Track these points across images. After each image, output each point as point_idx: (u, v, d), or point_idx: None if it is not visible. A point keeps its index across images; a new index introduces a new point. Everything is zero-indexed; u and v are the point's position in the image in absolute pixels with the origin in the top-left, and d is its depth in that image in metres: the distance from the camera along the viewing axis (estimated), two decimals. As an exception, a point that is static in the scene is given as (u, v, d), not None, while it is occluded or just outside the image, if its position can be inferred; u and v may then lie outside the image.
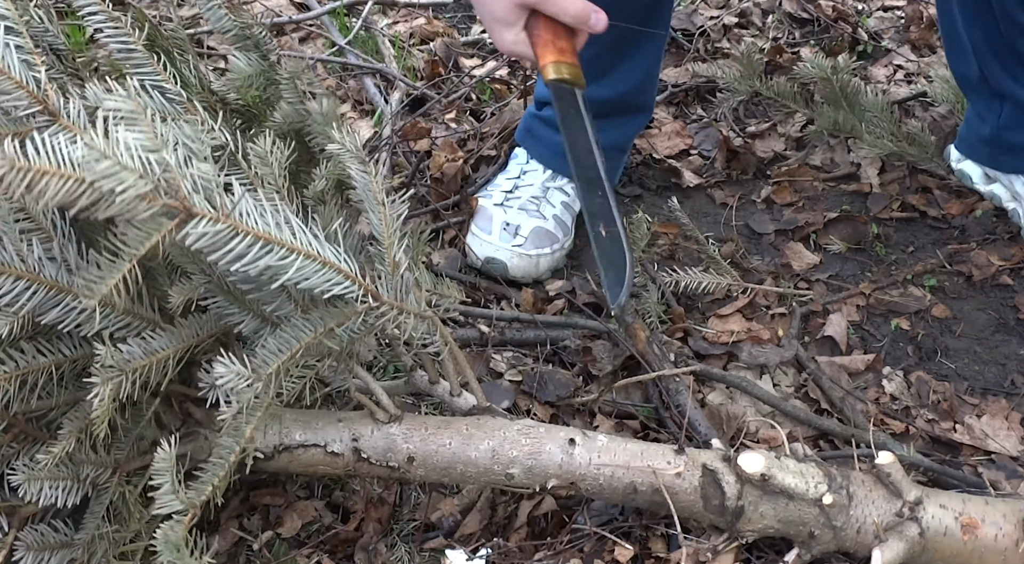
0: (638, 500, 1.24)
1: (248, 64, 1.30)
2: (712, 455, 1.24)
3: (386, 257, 1.08)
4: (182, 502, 1.04)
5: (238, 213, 0.93)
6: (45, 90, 1.04)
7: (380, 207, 1.06)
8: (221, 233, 0.94)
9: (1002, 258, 1.84)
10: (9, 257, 1.03)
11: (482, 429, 1.27)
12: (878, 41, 2.48)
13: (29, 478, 1.10)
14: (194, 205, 0.91)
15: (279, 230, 0.97)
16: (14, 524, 1.16)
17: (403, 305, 1.11)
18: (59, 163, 0.85)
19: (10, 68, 1.02)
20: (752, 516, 1.21)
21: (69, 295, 1.04)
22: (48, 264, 1.06)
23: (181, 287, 1.09)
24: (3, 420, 1.12)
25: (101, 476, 1.16)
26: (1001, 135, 1.86)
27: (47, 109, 1.05)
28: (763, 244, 1.92)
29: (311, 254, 1.00)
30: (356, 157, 1.03)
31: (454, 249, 1.91)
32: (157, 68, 1.22)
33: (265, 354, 1.05)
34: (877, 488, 1.21)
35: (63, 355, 1.12)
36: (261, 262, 0.96)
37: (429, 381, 1.36)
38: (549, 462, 1.24)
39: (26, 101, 1.04)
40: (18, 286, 1.04)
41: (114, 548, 1.18)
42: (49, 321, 1.06)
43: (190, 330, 1.11)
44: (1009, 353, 1.70)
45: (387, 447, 1.27)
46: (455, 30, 2.62)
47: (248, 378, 1.02)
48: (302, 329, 1.07)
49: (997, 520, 1.19)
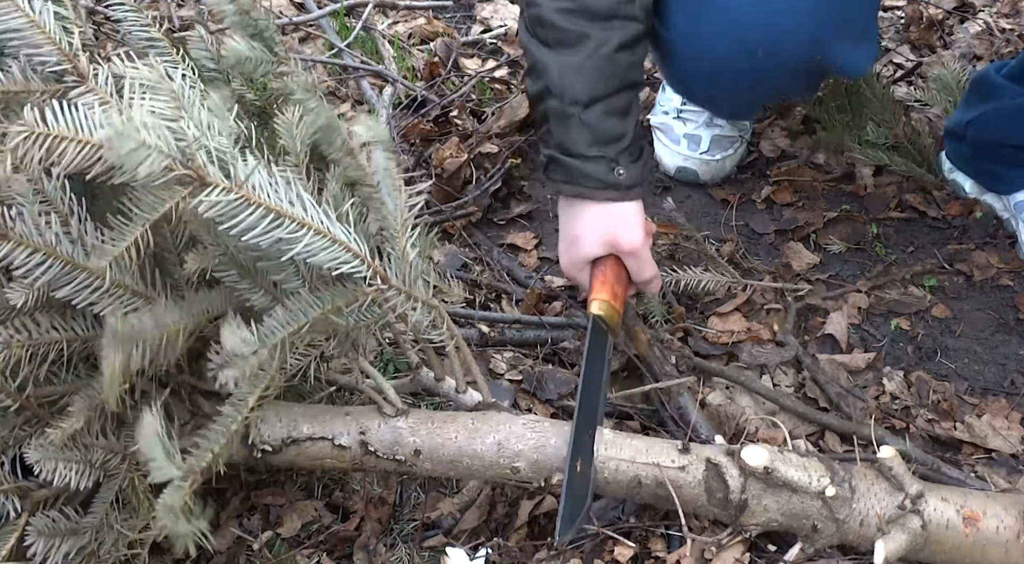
0: (642, 494, 1.27)
1: (249, 49, 1.31)
2: (716, 449, 1.27)
3: (397, 242, 1.10)
4: (179, 468, 1.04)
5: (251, 185, 0.95)
6: (76, 51, 1.06)
7: (397, 192, 1.08)
8: (233, 203, 0.96)
9: (1002, 260, 1.87)
10: (28, 230, 1.06)
11: (488, 423, 1.30)
12: (878, 41, 2.51)
13: (43, 457, 1.12)
14: (208, 174, 0.93)
15: (291, 205, 0.99)
16: (26, 507, 1.18)
17: (411, 291, 1.13)
18: (77, 129, 0.87)
19: (45, 24, 1.05)
20: (756, 509, 1.24)
21: (84, 272, 1.07)
22: (64, 240, 1.08)
23: (196, 255, 1.11)
24: (15, 401, 1.14)
25: (111, 462, 1.19)
26: (978, 163, 1.93)
27: (76, 70, 1.07)
28: (763, 244, 1.95)
29: (321, 230, 1.02)
30: (383, 143, 1.05)
31: (454, 246, 1.94)
32: (177, 58, 1.24)
33: (273, 325, 1.07)
34: (879, 481, 1.23)
35: (74, 333, 1.14)
36: (271, 234, 0.98)
37: (435, 378, 1.38)
38: (554, 456, 1.27)
39: (55, 57, 1.07)
40: (35, 258, 1.06)
41: (123, 539, 1.20)
42: (62, 296, 1.08)
43: (200, 306, 1.13)
44: (1009, 353, 1.72)
45: (394, 440, 1.29)
46: (455, 30, 2.65)
47: (254, 345, 1.04)
48: (311, 304, 1.09)
49: (998, 513, 1.22)
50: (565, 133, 1.40)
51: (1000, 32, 2.49)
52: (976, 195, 1.99)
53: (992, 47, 2.43)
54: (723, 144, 2.05)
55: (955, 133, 1.93)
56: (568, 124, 1.39)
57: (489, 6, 2.70)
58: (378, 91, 2.35)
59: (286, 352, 1.09)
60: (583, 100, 1.38)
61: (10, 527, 1.17)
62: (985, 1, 2.61)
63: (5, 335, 1.09)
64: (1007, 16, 2.56)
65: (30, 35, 1.06)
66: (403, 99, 2.32)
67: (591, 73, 1.38)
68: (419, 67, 2.45)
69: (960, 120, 1.91)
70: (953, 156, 1.99)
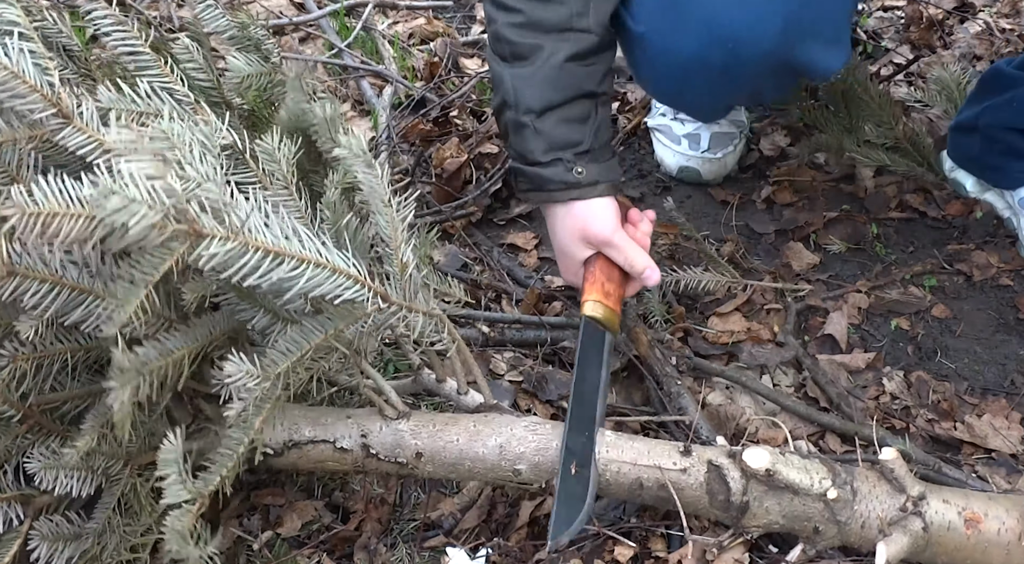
0: (644, 496, 1.27)
1: (248, 63, 1.33)
2: (717, 451, 1.28)
3: (394, 258, 1.11)
4: (190, 492, 1.06)
5: (247, 229, 0.96)
6: (58, 94, 1.07)
7: (387, 209, 1.09)
8: (233, 250, 0.97)
9: (1002, 260, 1.88)
10: (32, 261, 1.07)
11: (489, 426, 1.31)
12: (878, 41, 2.53)
13: (45, 466, 1.13)
14: (204, 227, 0.93)
15: (288, 242, 1.00)
16: (29, 514, 1.19)
17: (412, 305, 1.14)
18: (68, 203, 0.88)
19: (25, 73, 1.05)
20: (757, 511, 1.25)
21: (91, 297, 1.08)
22: (70, 267, 1.09)
23: (194, 284, 1.11)
24: (19, 411, 1.15)
25: (113, 467, 1.20)
26: (984, 157, 1.93)
27: (61, 112, 1.08)
28: (763, 244, 1.95)
29: (321, 262, 1.03)
30: (363, 161, 1.06)
31: (454, 245, 1.95)
32: (164, 70, 1.25)
33: (275, 354, 1.09)
34: (881, 484, 1.24)
35: (78, 344, 1.15)
36: (273, 275, 0.99)
37: (436, 380, 1.39)
38: (556, 459, 1.27)
39: (41, 104, 1.07)
40: (42, 289, 1.07)
41: (125, 542, 1.21)
42: (72, 321, 1.09)
43: (203, 329, 1.14)
44: (1009, 353, 1.73)
45: (395, 443, 1.30)
46: (455, 30, 2.65)
47: (257, 377, 1.06)
48: (312, 330, 1.10)
49: (1000, 514, 1.23)
50: (522, 142, 1.43)
51: (1000, 32, 2.50)
52: (977, 194, 1.99)
53: (992, 47, 2.44)
54: (723, 141, 2.06)
55: (964, 126, 1.94)
56: (524, 133, 1.42)
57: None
58: (378, 91, 2.35)
59: (290, 378, 1.10)
60: (536, 109, 1.41)
61: (13, 533, 1.18)
62: (985, 1, 2.62)
63: (10, 349, 1.10)
64: (1007, 16, 2.57)
65: (13, 86, 1.06)
66: (403, 99, 2.33)
67: (543, 83, 1.40)
68: (419, 67, 2.46)
69: (972, 111, 1.92)
70: (956, 153, 2.00)
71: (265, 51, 1.22)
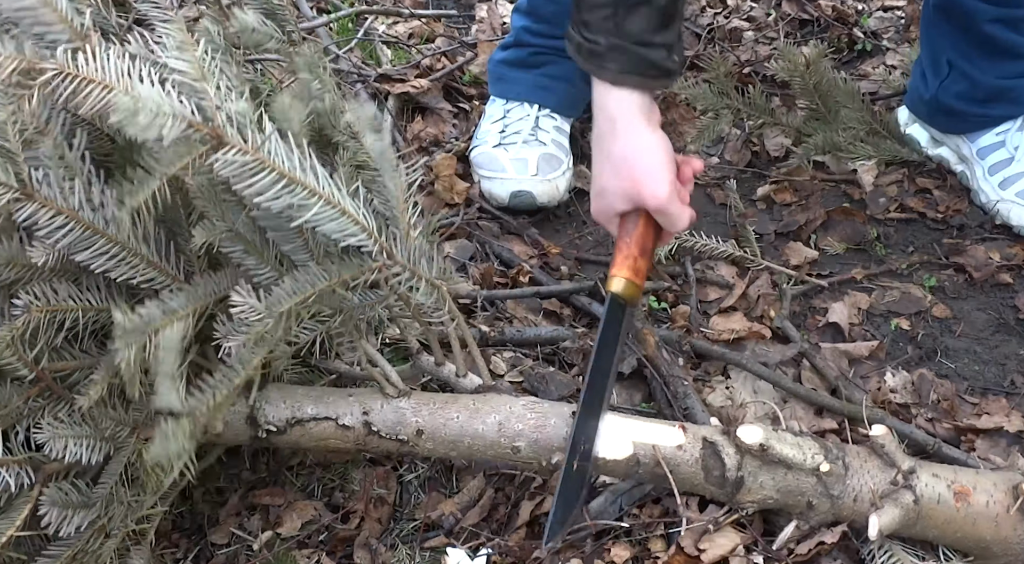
0: (641, 473, 1.34)
1: (258, 23, 1.34)
2: (712, 429, 1.35)
3: (400, 221, 1.19)
4: (182, 404, 1.11)
5: (266, 150, 1.05)
6: (88, 30, 1.14)
7: (394, 172, 1.17)
8: (248, 165, 1.06)
9: (1003, 258, 1.94)
10: (54, 193, 1.15)
11: (488, 404, 1.38)
12: (878, 41, 2.62)
13: (53, 435, 1.21)
14: (227, 134, 1.02)
15: (303, 173, 1.08)
16: (39, 479, 1.26)
17: (416, 269, 1.22)
18: (104, 73, 0.97)
19: (55, 2, 1.13)
20: (752, 486, 1.31)
21: (103, 238, 1.16)
22: (87, 207, 1.18)
23: (203, 228, 1.19)
24: (31, 371, 1.22)
25: (120, 433, 1.27)
26: (940, 97, 2.03)
27: None
28: (763, 244, 2.01)
29: (331, 200, 1.11)
30: (371, 127, 1.15)
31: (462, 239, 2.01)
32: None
33: (280, 294, 1.16)
34: (872, 458, 1.32)
35: (88, 303, 1.23)
36: (283, 199, 1.07)
37: (435, 363, 1.46)
38: (554, 435, 1.34)
39: (67, 35, 1.14)
40: (58, 221, 1.16)
41: (132, 514, 1.28)
42: (80, 260, 1.17)
43: (207, 288, 1.21)
44: (1009, 353, 1.79)
45: (397, 420, 1.37)
46: (455, 30, 2.73)
47: (260, 313, 1.13)
48: (317, 276, 1.17)
49: (988, 488, 1.30)
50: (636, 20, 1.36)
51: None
52: (931, 149, 2.11)
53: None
54: (552, 163, 2.09)
55: (927, 66, 2.05)
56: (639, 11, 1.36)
57: (489, 6, 2.77)
58: (379, 95, 2.42)
59: (291, 322, 1.17)
60: None
61: (24, 497, 1.24)
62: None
63: (27, 299, 1.17)
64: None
65: (41, 13, 1.14)
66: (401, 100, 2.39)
67: None
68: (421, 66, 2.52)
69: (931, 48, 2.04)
70: (914, 102, 2.09)
71: (281, 20, 1.29)
